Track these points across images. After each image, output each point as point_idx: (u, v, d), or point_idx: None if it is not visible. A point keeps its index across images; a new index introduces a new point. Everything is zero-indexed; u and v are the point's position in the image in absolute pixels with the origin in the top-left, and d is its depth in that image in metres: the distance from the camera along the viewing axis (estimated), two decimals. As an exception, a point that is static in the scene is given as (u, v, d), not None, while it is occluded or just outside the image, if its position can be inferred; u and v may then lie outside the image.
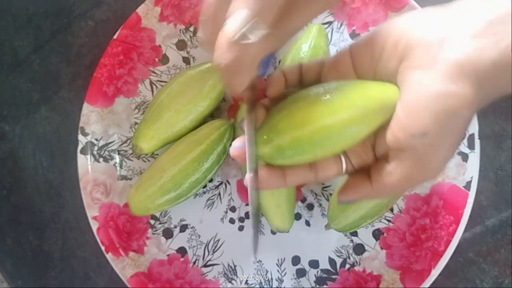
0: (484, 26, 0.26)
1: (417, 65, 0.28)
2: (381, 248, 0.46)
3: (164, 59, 0.49)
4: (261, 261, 0.47)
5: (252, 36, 0.26)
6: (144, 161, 0.48)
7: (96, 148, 0.48)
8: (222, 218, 0.48)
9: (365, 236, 0.46)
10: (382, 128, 0.30)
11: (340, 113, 0.29)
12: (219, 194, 0.48)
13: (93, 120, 0.48)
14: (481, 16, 0.27)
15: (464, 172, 0.44)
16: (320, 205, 0.47)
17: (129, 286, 0.46)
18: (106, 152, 0.48)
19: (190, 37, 0.48)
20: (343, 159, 0.32)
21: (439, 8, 0.29)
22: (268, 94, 0.34)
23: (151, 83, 0.49)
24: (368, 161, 0.32)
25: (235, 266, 0.47)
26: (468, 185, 0.44)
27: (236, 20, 0.26)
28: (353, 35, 0.47)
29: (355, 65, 0.32)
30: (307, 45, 0.44)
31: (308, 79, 0.34)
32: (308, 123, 0.29)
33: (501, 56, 0.26)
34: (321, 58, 0.35)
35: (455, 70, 0.27)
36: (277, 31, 0.29)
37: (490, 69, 0.26)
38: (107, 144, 0.48)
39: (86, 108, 0.47)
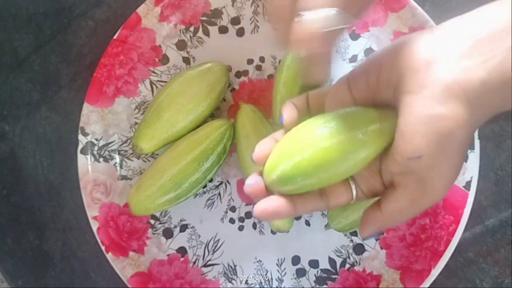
0: (472, 46, 0.27)
1: (407, 90, 0.28)
2: (381, 248, 0.46)
3: (164, 59, 0.49)
4: (261, 261, 0.47)
5: (336, 25, 0.29)
6: (144, 161, 0.48)
7: (96, 148, 0.48)
8: (222, 218, 0.48)
9: (365, 236, 0.46)
10: (386, 153, 0.31)
11: (338, 136, 0.30)
12: (219, 194, 0.48)
13: (93, 120, 0.48)
14: (469, 36, 0.27)
15: (464, 172, 0.44)
16: (320, 205, 0.47)
17: (129, 286, 0.46)
18: (106, 152, 0.48)
19: (190, 37, 0.49)
20: (352, 185, 0.33)
21: (427, 31, 0.29)
22: (285, 125, 0.34)
23: (151, 83, 0.49)
24: (377, 186, 0.33)
25: (235, 266, 0.47)
26: (468, 185, 0.44)
27: (321, 14, 0.28)
28: (353, 35, 0.47)
29: (354, 93, 0.33)
30: None
31: (314, 108, 0.35)
32: (308, 147, 0.30)
33: (489, 76, 0.26)
34: (325, 87, 0.35)
35: (443, 92, 0.27)
36: (350, 11, 0.30)
37: (480, 88, 0.26)
38: (107, 144, 0.48)
39: (86, 108, 0.47)
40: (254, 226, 0.47)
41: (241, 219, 0.48)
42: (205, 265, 0.48)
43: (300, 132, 0.32)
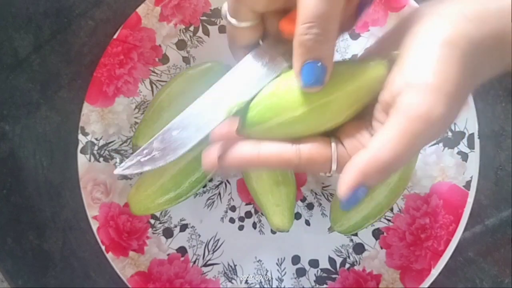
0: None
1: (412, 24, 0.27)
2: (381, 248, 0.46)
3: (164, 59, 0.49)
4: (261, 261, 0.47)
5: None
6: (144, 161, 0.48)
7: (96, 147, 0.48)
8: (222, 218, 0.48)
9: (365, 235, 0.46)
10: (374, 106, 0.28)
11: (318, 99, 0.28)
12: (219, 193, 0.48)
13: (93, 120, 0.48)
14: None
15: (464, 171, 0.44)
16: (320, 204, 0.47)
17: (129, 285, 0.46)
18: (106, 152, 0.48)
19: (190, 36, 0.49)
20: (333, 141, 0.28)
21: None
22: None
23: (151, 82, 0.49)
24: (365, 144, 0.28)
25: (235, 266, 0.47)
26: (468, 185, 0.44)
27: None
28: (353, 35, 0.47)
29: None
30: None
31: None
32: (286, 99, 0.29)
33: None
34: None
35: (448, 14, 0.26)
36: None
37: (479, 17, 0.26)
38: (107, 144, 0.48)
39: (86, 107, 0.47)
40: (254, 225, 0.47)
41: (241, 219, 0.48)
42: (205, 265, 0.48)
43: (281, 82, 0.30)
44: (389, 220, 0.46)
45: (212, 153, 0.30)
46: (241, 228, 0.48)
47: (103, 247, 0.46)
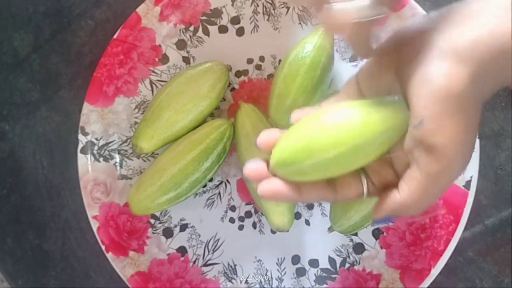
0: (464, 15, 0.27)
1: (407, 61, 0.28)
2: (381, 247, 0.46)
3: (164, 59, 0.49)
4: (261, 261, 0.47)
5: (367, 16, 0.28)
6: (144, 161, 0.48)
7: (96, 147, 0.48)
8: (222, 218, 0.48)
9: (365, 235, 0.46)
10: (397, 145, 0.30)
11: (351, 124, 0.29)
12: (219, 193, 0.48)
13: (93, 120, 0.48)
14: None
15: (464, 171, 0.44)
16: (320, 204, 0.47)
17: (129, 285, 0.46)
18: (106, 152, 0.48)
19: (190, 36, 0.49)
20: (363, 177, 0.31)
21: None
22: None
23: (151, 82, 0.49)
24: (388, 177, 0.31)
25: (235, 266, 0.47)
26: (467, 184, 0.44)
27: (352, 5, 0.28)
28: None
29: (362, 89, 0.32)
30: (312, 44, 0.44)
31: None
32: (320, 132, 0.29)
33: (497, 42, 0.25)
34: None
35: (440, 52, 0.26)
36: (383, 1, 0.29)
37: (478, 49, 0.26)
38: (107, 144, 0.48)
39: (86, 107, 0.47)
40: (254, 225, 0.47)
41: (241, 219, 0.48)
42: (205, 265, 0.48)
43: (312, 120, 0.31)
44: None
45: (259, 188, 0.31)
46: (241, 228, 0.48)
47: (103, 247, 0.46)
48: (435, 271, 0.44)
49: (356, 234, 0.46)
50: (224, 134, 0.45)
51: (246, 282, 0.47)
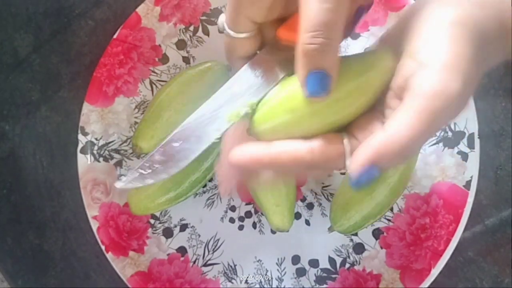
0: None
1: (417, 12, 0.28)
2: (381, 248, 0.46)
3: (164, 59, 0.49)
4: (261, 261, 0.47)
5: None
6: (144, 161, 0.48)
7: (96, 147, 0.48)
8: (222, 218, 0.48)
9: (365, 235, 0.46)
10: (386, 94, 0.28)
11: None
12: (219, 193, 0.48)
13: (93, 120, 0.48)
14: None
15: (464, 171, 0.44)
16: (320, 204, 0.47)
17: (129, 285, 0.46)
18: (106, 152, 0.48)
19: (190, 36, 0.49)
20: (344, 135, 0.28)
21: None
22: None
23: (151, 82, 0.49)
24: (375, 131, 0.27)
25: (235, 266, 0.47)
26: (468, 185, 0.44)
27: None
28: (353, 34, 0.47)
29: None
30: None
31: None
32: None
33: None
34: None
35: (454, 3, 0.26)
36: None
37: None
38: (107, 144, 0.48)
39: (86, 107, 0.47)
40: (254, 225, 0.47)
41: (241, 219, 0.48)
42: (205, 265, 0.48)
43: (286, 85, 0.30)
44: (389, 220, 0.46)
45: (225, 165, 0.30)
46: (241, 228, 0.48)
47: (103, 247, 0.46)
48: (435, 271, 0.44)
49: (356, 234, 0.46)
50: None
51: (246, 282, 0.47)
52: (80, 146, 0.47)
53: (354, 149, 0.27)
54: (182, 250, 0.48)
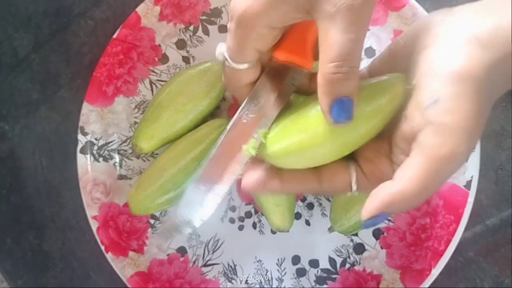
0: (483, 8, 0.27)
1: (423, 46, 0.28)
2: (381, 248, 0.46)
3: (164, 59, 0.49)
4: (261, 261, 0.47)
5: None
6: (144, 161, 0.48)
7: (95, 147, 0.48)
8: (222, 218, 0.48)
9: (365, 235, 0.46)
10: (396, 126, 0.29)
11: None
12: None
13: (92, 120, 0.47)
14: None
15: (464, 171, 0.44)
16: (320, 204, 0.47)
17: (129, 285, 0.46)
18: (106, 152, 0.48)
19: (190, 36, 0.48)
20: (351, 165, 0.30)
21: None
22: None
23: (150, 82, 0.49)
24: (382, 169, 0.30)
25: (235, 266, 0.47)
26: (468, 185, 0.44)
27: None
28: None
29: None
30: None
31: None
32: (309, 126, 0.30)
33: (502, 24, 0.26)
34: None
35: (461, 39, 0.27)
36: None
37: (507, 40, 0.26)
38: (106, 144, 0.48)
39: (86, 107, 0.47)
40: (254, 225, 0.47)
41: (241, 219, 0.47)
42: (205, 265, 0.47)
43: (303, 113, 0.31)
44: (389, 220, 0.46)
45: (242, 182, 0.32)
46: (241, 228, 0.47)
47: (102, 247, 0.46)
48: (435, 271, 0.44)
49: (356, 234, 0.46)
50: (224, 134, 0.45)
51: (246, 282, 0.47)
52: (79, 146, 0.47)
53: (359, 180, 0.30)
54: (182, 250, 0.48)
